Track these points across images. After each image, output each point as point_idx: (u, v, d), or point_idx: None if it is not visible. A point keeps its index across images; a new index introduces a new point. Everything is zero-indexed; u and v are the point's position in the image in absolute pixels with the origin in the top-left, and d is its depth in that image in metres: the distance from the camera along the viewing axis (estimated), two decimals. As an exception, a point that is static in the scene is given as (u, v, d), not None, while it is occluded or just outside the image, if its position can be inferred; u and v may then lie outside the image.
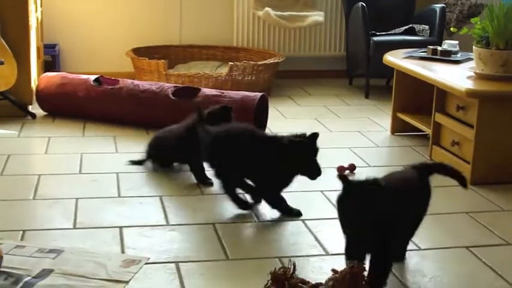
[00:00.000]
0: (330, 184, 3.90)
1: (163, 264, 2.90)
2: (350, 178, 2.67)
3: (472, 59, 4.43)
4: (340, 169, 4.06)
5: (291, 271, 2.53)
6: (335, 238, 3.18)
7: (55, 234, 3.16)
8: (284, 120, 5.25)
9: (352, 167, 4.11)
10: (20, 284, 2.69)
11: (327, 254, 3.05)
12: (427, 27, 6.22)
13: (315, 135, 3.43)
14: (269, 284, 2.48)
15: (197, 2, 6.43)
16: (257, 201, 3.53)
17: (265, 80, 5.88)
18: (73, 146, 4.44)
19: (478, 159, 3.99)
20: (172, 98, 4.79)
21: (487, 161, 4.00)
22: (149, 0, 6.34)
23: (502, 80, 4.13)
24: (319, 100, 5.91)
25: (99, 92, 4.97)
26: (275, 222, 3.37)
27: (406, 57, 4.88)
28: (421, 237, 3.10)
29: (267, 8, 6.26)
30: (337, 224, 3.32)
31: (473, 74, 4.28)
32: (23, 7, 4.93)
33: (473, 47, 4.22)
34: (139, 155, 4.19)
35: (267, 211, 3.48)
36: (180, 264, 2.90)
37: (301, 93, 6.13)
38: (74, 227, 3.25)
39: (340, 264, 2.91)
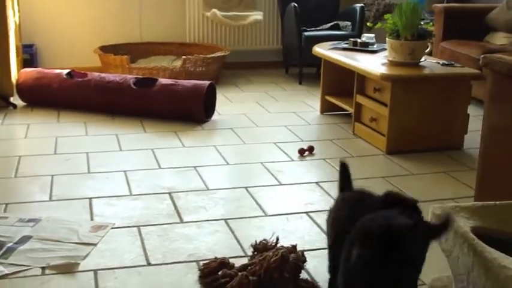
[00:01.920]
0: (268, 157, 3.94)
1: (127, 228, 2.89)
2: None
3: (385, 49, 4.48)
4: (301, 152, 4.01)
5: (274, 243, 2.55)
6: (273, 202, 3.22)
7: (34, 206, 3.12)
8: (230, 104, 5.24)
9: (310, 149, 4.04)
10: (3, 249, 2.66)
11: (266, 215, 3.07)
12: (349, 23, 6.25)
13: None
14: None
15: (154, 4, 6.37)
16: None
17: (214, 71, 5.85)
18: (49, 131, 4.38)
19: (391, 132, 4.04)
20: (134, 87, 4.75)
21: (399, 133, 4.05)
22: (113, 4, 6.26)
23: (410, 65, 4.19)
24: (260, 87, 5.91)
25: (70, 84, 4.91)
26: (222, 189, 3.37)
27: (332, 49, 4.90)
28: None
29: (214, 9, 6.24)
30: (274, 189, 3.37)
31: (386, 61, 4.33)
32: (2, 13, 4.83)
33: (387, 39, 4.26)
34: (106, 137, 4.17)
35: (215, 180, 3.49)
36: (141, 228, 2.90)
37: (245, 82, 6.12)
38: (50, 199, 3.21)
39: (277, 223, 2.96)
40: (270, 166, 3.75)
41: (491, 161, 2.94)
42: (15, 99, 5.05)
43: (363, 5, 6.31)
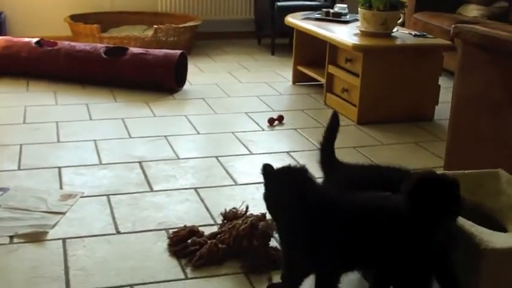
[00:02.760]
0: (240, 126, 3.93)
1: (96, 197, 2.87)
2: None
3: (358, 20, 4.46)
4: (271, 121, 3.99)
5: (244, 211, 2.56)
6: (243, 171, 3.21)
7: (2, 175, 3.08)
8: (202, 74, 5.21)
9: (280, 118, 4.03)
10: (-30, 219, 2.63)
11: (236, 184, 3.06)
12: (322, -7, 6.23)
13: None
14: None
15: (125, -27, 6.29)
16: None
17: (185, 41, 5.80)
18: (18, 100, 4.32)
19: (363, 103, 4.05)
20: (104, 56, 4.69)
21: (370, 104, 4.06)
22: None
23: (382, 36, 4.19)
24: (232, 57, 5.87)
25: (40, 53, 4.83)
26: (192, 159, 3.36)
27: (304, 19, 4.88)
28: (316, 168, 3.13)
29: (186, -21, 6.17)
30: (244, 158, 3.37)
31: (359, 31, 4.31)
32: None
33: (359, 9, 4.25)
34: (76, 106, 4.13)
35: (185, 149, 3.48)
36: (110, 196, 2.88)
37: (217, 52, 6.08)
38: (19, 169, 3.18)
39: (247, 192, 2.96)
40: (241, 136, 3.74)
41: (460, 130, 2.96)
42: (-17, 68, 4.97)
43: (336, -25, 6.28)
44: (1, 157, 3.32)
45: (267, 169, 1.98)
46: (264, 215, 2.50)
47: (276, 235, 2.44)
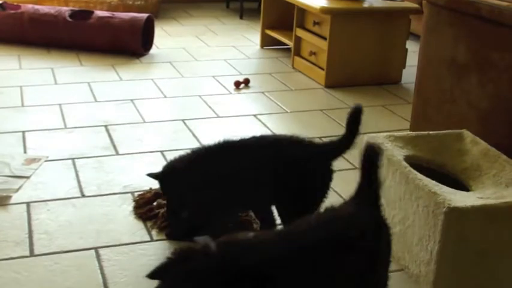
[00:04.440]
0: (207, 90, 3.91)
1: (61, 161, 2.84)
2: None
3: (326, -18, 4.42)
4: (237, 84, 3.96)
5: None
6: (210, 134, 3.19)
7: (-36, 140, 3.04)
8: (169, 38, 5.14)
9: (246, 81, 4.00)
10: None
11: (203, 147, 3.05)
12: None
13: None
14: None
15: None
16: None
17: (152, 5, 5.70)
18: (-19, 65, 4.24)
19: (330, 66, 4.03)
20: (70, 20, 4.60)
21: (338, 67, 4.05)
22: None
23: (350, -1, 4.17)
24: (200, 21, 5.80)
25: (3, 16, 4.71)
26: (159, 122, 3.33)
27: (272, -18, 4.83)
28: (284, 131, 3.14)
29: None
30: (211, 121, 3.35)
31: (326, -6, 4.29)
32: None
33: (327, -29, 4.21)
34: (41, 70, 4.07)
35: (152, 113, 3.44)
36: (75, 160, 2.84)
37: (184, 15, 6.00)
38: (-18, 133, 3.13)
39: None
40: (208, 99, 3.71)
41: (426, 92, 2.97)
42: None
43: None
44: (-37, 122, 3.26)
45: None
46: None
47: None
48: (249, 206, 2.29)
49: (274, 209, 2.23)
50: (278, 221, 2.23)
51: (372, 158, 1.74)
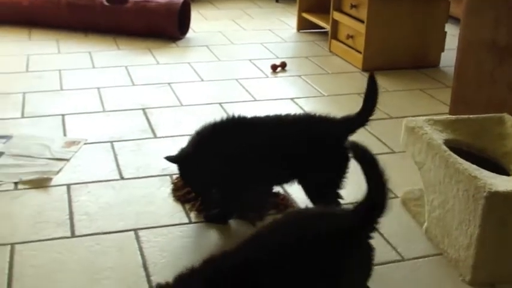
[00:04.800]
0: (243, 73, 3.91)
1: (100, 144, 2.87)
2: None
3: (363, -36, 4.38)
4: (274, 67, 3.96)
5: None
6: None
7: (5, 123, 3.08)
8: (205, 21, 5.15)
9: (283, 65, 4.00)
10: (-26, 165, 2.64)
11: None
12: None
13: None
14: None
15: None
16: None
17: (189, -12, 5.72)
18: (20, 49, 4.29)
19: (368, 49, 4.00)
20: (106, 4, 4.63)
21: (375, 51, 4.01)
22: None
23: (388, -19, 4.12)
24: (236, 4, 5.80)
25: (42, 1, 4.77)
26: (196, 105, 3.35)
27: (309, -35, 4.80)
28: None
29: None
30: (248, 105, 3.35)
31: (364, -23, 4.25)
32: None
33: (364, -47, 4.17)
34: (79, 54, 4.11)
35: (189, 96, 3.46)
36: (114, 143, 2.88)
37: (220, -1, 6.02)
38: (22, 116, 3.17)
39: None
40: (245, 82, 3.72)
41: (466, 75, 2.94)
42: (-16, 17, 4.93)
43: None
44: (4, 105, 3.31)
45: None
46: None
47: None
48: (271, 182, 2.30)
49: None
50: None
51: (362, 159, 1.65)
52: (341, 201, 2.18)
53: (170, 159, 2.25)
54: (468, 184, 1.94)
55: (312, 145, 2.10)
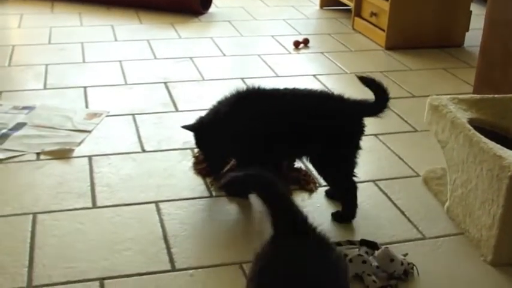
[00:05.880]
0: (266, 49, 3.89)
1: (122, 116, 2.88)
2: None
3: None
4: (296, 43, 3.94)
5: None
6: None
7: (28, 94, 3.09)
8: (228, -3, 5.13)
9: (305, 41, 3.97)
10: (-2, 135, 2.66)
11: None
12: None
13: None
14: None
15: None
16: None
17: (212, -37, 5.68)
18: (43, 21, 4.30)
19: (391, 27, 3.96)
20: (129, -23, 4.63)
21: (398, 29, 3.97)
22: None
23: (413, -42, 4.07)
24: (259, -20, 5.76)
25: (64, -27, 4.77)
26: (218, 80, 3.34)
27: None
28: (343, 92, 3.09)
29: None
30: (271, 81, 3.34)
31: (389, -47, 4.19)
32: None
33: None
34: (101, 28, 4.11)
35: (211, 70, 3.45)
36: (136, 116, 2.88)
37: (243, -25, 5.97)
38: (44, 88, 3.18)
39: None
40: (267, 58, 3.70)
41: (491, 55, 2.90)
42: (8, -11, 4.94)
43: None
44: (27, 76, 3.32)
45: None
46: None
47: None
48: (281, 157, 2.28)
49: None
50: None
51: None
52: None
53: (187, 127, 2.28)
54: (492, 163, 1.92)
55: (323, 122, 2.07)
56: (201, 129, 2.26)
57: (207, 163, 2.34)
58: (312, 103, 2.13)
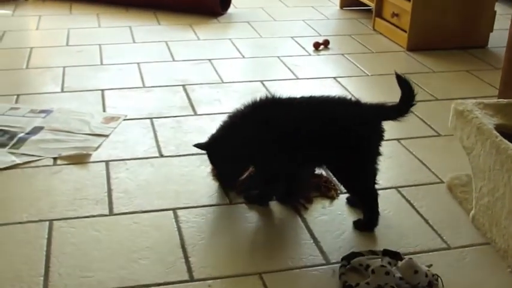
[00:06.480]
0: (285, 51, 3.85)
1: (140, 120, 2.84)
2: None
3: None
4: (316, 45, 3.90)
5: None
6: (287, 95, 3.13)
7: (45, 97, 3.08)
8: (247, -3, 5.09)
9: (326, 42, 3.93)
10: (15, 140, 2.63)
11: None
12: None
13: None
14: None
15: None
16: None
17: (230, -37, 5.65)
18: (61, 23, 4.29)
19: (413, 28, 3.90)
20: (148, -22, 4.60)
21: (421, 30, 3.91)
22: None
23: (436, -42, 4.00)
24: (279, -20, 5.72)
25: (83, -26, 4.76)
26: (237, 82, 3.30)
27: None
28: (364, 94, 3.05)
29: None
30: (290, 83, 3.30)
31: (411, -47, 4.13)
32: None
33: None
34: (119, 29, 4.09)
35: (230, 73, 3.41)
36: (153, 119, 2.85)
37: (262, -25, 5.93)
38: (62, 91, 3.16)
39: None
40: (287, 60, 3.66)
41: (517, 57, 2.83)
42: (26, -9, 4.94)
43: None
44: (44, 79, 3.30)
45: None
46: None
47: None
48: (298, 167, 2.21)
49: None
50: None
51: None
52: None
53: (199, 145, 2.24)
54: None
55: (338, 130, 2.02)
56: (214, 146, 2.22)
57: (221, 177, 2.30)
58: (326, 111, 2.08)
